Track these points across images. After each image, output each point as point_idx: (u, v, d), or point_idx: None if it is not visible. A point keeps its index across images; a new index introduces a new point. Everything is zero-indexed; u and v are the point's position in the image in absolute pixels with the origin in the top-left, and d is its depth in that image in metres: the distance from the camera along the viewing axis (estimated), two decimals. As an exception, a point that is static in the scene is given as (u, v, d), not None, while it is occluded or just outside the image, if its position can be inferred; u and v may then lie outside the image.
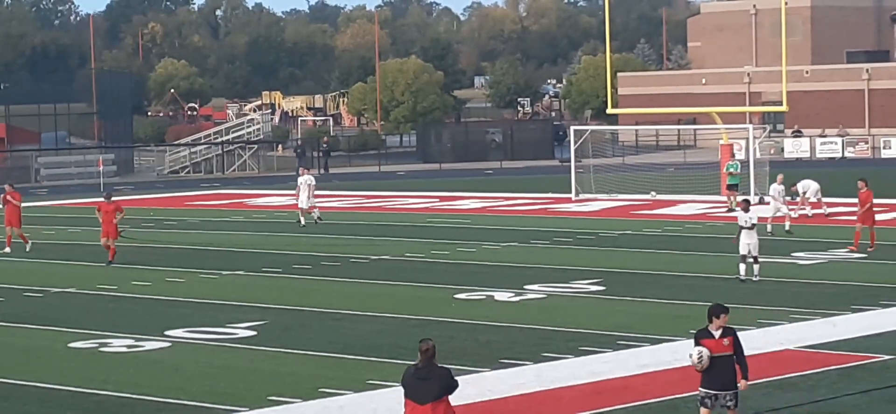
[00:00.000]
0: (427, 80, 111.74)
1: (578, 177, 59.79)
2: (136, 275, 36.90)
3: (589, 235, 44.44)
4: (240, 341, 26.76)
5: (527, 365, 23.67)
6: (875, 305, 29.10)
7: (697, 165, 66.14)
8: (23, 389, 22.90)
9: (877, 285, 31.92)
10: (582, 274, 34.68)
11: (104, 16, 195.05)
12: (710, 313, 17.58)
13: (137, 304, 32.20)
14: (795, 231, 43.31)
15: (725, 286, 32.23)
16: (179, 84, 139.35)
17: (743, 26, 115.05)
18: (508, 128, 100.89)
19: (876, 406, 20.41)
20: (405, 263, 38.53)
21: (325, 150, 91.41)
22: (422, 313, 29.43)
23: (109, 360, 25.32)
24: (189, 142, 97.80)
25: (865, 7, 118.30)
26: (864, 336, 25.69)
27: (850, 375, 22.57)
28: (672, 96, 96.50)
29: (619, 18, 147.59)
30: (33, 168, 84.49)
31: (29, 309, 31.55)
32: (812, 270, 35.13)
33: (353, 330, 27.67)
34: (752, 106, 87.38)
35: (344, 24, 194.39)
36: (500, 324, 27.96)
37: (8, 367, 24.68)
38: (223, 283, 35.31)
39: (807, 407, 20.53)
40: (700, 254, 38.85)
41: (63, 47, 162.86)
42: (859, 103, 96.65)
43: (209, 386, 22.72)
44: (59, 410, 21.33)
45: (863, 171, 47.84)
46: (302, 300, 31.77)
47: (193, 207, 61.95)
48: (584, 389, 21.80)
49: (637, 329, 26.85)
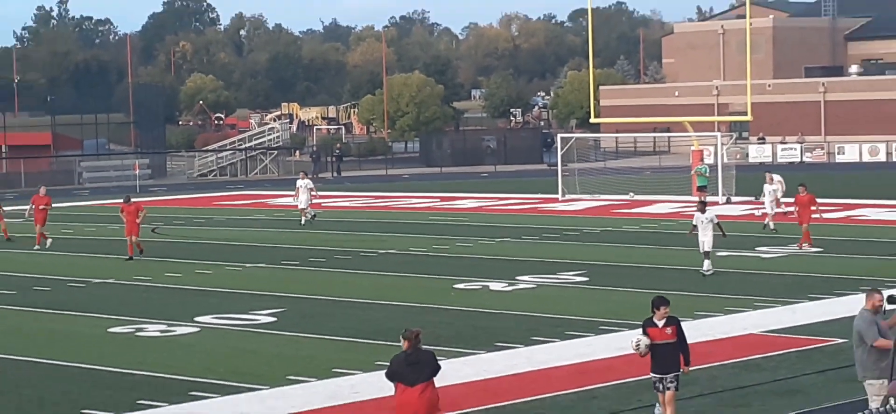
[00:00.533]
0: (429, 92, 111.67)
1: (565, 179, 59.79)
2: (169, 267, 36.90)
3: (574, 231, 44.44)
4: (261, 327, 26.77)
5: (519, 348, 23.66)
6: (830, 295, 29.11)
7: (671, 169, 66.18)
8: (67, 369, 22.91)
9: (831, 276, 31.92)
10: (568, 266, 34.69)
11: (140, 35, 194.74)
12: (654, 305, 17.60)
13: (169, 293, 32.22)
14: (761, 228, 43.27)
15: (695, 277, 32.22)
16: (207, 96, 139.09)
17: (712, 45, 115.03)
18: (502, 135, 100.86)
19: (831, 385, 20.42)
20: (409, 256, 38.53)
21: (338, 156, 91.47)
22: (424, 302, 29.44)
23: (144, 343, 25.34)
24: (216, 148, 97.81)
25: (822, 28, 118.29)
26: (821, 322, 25.69)
27: (809, 357, 22.58)
28: (648, 107, 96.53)
29: (601, 38, 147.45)
30: (76, 171, 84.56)
31: (72, 298, 31.57)
32: (773, 263, 35.13)
33: (363, 316, 27.67)
34: (720, 116, 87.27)
35: (355, 42, 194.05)
36: (494, 311, 27.96)
37: (54, 350, 24.70)
38: (246, 274, 35.31)
39: (769, 385, 20.52)
40: (673, 248, 38.84)
41: (103, 63, 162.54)
42: (816, 113, 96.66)
43: (234, 367, 22.72)
44: (99, 388, 21.33)
45: (816, 176, 47.79)
46: (317, 290, 31.77)
47: (220, 206, 61.96)
48: (570, 370, 21.79)
49: (618, 315, 26.83)
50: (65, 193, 74.37)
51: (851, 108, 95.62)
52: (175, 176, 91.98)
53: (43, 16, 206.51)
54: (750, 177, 65.95)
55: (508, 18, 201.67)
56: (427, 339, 24.63)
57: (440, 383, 15.92)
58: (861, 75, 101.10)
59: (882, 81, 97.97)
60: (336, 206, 59.10)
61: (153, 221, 46.68)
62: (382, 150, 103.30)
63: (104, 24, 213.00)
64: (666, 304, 17.49)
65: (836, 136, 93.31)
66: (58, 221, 54.78)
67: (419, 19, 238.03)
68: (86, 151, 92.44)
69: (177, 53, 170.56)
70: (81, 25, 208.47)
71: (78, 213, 58.49)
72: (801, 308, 27.42)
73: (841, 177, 69.29)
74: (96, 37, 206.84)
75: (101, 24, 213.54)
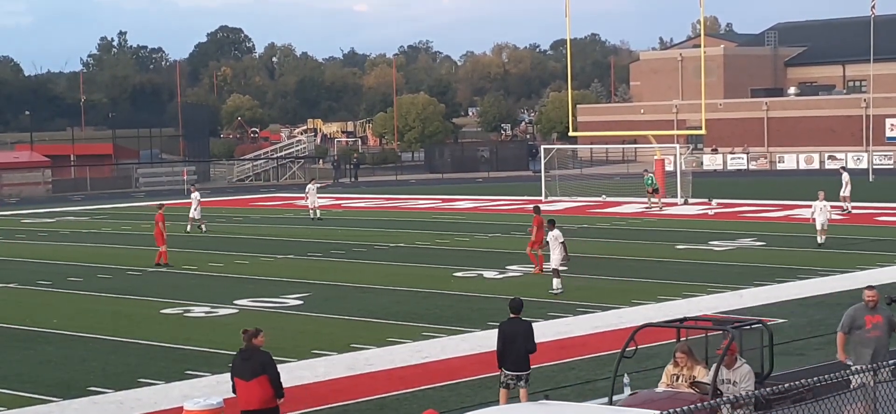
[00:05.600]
0: (432, 110, 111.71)
1: (547, 183, 59.83)
2: (212, 258, 36.92)
3: (555, 228, 44.40)
4: (290, 309, 26.78)
5: (508, 326, 23.63)
6: (772, 282, 29.12)
7: (637, 175, 66.16)
8: (126, 344, 22.93)
9: (773, 266, 31.94)
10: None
11: (188, 61, 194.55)
12: (511, 307, 16.49)
13: (213, 280, 32.23)
14: (714, 225, 43.28)
15: (658, 266, 32.21)
16: (244, 113, 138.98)
17: (672, 70, 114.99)
18: (494, 147, 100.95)
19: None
20: (415, 249, 38.54)
21: (355, 164, 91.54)
22: (428, 287, 29.43)
23: (192, 323, 25.35)
24: (252, 157, 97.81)
25: (765, 55, 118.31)
26: (764, 304, 25.70)
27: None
28: (618, 123, 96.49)
29: (578, 64, 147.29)
30: (134, 177, 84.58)
31: (131, 284, 31.59)
32: (724, 254, 35.15)
33: (376, 300, 27.67)
34: (678, 130, 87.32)
35: (369, 67, 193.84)
36: (488, 295, 27.96)
37: (115, 328, 24.72)
38: (278, 264, 35.32)
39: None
40: (639, 242, 38.87)
41: (157, 85, 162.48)
42: (760, 128, 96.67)
43: (267, 342, 22.62)
44: (153, 360, 21.36)
45: (760, 181, 47.69)
46: (337, 277, 31.78)
47: (255, 206, 61.96)
48: (552, 345, 21.79)
49: (592, 299, 26.84)
50: (124, 196, 74.42)
51: (790, 123, 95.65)
52: (217, 181, 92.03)
53: (105, 45, 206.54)
54: (704, 182, 66.02)
55: (500, 47, 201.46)
56: (430, 319, 24.80)
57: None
58: (798, 96, 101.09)
59: (816, 101, 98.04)
60: (353, 206, 59.09)
61: (195, 221, 46.69)
62: (393, 159, 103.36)
63: (157, 52, 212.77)
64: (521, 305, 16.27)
65: (778, 147, 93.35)
66: (118, 218, 54.88)
67: (424, 48, 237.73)
68: (142, 160, 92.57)
69: (219, 77, 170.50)
70: (138, 53, 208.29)
71: (136, 212, 58.50)
72: (748, 293, 27.43)
73: (781, 182, 69.25)
74: (151, 63, 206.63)
75: (155, 51, 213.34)
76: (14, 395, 18.77)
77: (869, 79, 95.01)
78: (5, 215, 59.41)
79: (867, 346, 15.03)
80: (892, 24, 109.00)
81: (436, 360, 20.80)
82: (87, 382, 19.50)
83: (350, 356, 21.28)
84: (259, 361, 13.98)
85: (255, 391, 13.81)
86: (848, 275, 29.84)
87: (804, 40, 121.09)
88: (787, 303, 26.00)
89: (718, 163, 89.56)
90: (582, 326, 23.77)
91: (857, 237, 38.60)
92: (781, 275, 30.10)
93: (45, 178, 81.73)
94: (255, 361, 13.95)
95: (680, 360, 14.04)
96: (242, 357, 14.06)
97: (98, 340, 23.54)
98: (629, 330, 22.80)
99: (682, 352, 14.12)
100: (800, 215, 46.80)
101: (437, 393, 18.25)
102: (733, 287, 28.26)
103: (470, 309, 26.05)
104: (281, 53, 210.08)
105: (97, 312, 27.17)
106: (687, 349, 14.17)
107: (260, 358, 14.02)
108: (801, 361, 19.76)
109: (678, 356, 14.07)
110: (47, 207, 65.60)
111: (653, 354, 19.53)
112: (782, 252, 35.24)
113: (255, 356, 14.01)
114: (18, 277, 33.34)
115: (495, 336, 16.66)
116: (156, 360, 21.39)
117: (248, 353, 14.03)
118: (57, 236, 46.51)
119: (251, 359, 13.97)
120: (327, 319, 25.28)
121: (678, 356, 14.07)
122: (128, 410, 17.74)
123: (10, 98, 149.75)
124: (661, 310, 25.06)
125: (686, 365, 14.00)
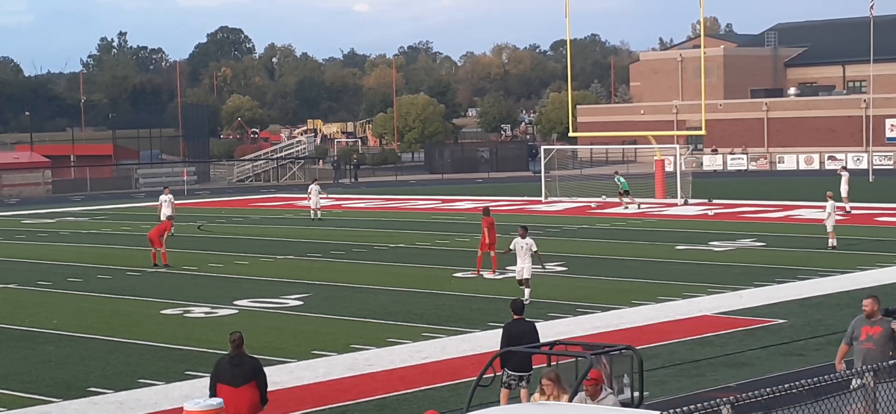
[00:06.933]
0: (432, 111, 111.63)
1: (547, 184, 59.81)
2: (212, 258, 36.90)
3: (555, 228, 44.45)
4: (290, 309, 26.77)
5: (508, 327, 23.63)
6: (772, 282, 29.11)
7: (637, 176, 66.13)
8: (126, 345, 22.92)
9: (772, 266, 31.94)
10: (550, 258, 34.64)
11: (188, 62, 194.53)
12: (513, 309, 16.42)
13: (213, 280, 32.21)
14: (714, 226, 43.28)
15: (658, 266, 32.22)
16: (244, 114, 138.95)
17: (672, 70, 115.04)
18: (494, 147, 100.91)
19: (772, 358, 20.42)
20: (415, 249, 38.53)
21: (356, 164, 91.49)
22: (428, 288, 29.43)
23: (192, 323, 25.34)
24: (252, 158, 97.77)
25: (765, 56, 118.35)
26: (764, 305, 25.70)
27: (753, 335, 22.58)
28: (618, 123, 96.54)
29: (578, 64, 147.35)
30: (134, 177, 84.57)
31: (131, 284, 31.58)
32: (724, 255, 35.14)
33: (375, 300, 27.66)
34: (678, 131, 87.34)
35: (369, 68, 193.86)
36: (487, 296, 27.95)
37: (115, 328, 24.71)
38: (277, 265, 35.31)
39: (720, 358, 20.53)
40: (638, 243, 38.87)
41: (156, 86, 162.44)
42: (760, 128, 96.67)
43: (268, 343, 22.71)
44: (153, 360, 21.35)
45: (760, 181, 47.72)
46: (337, 278, 31.77)
47: (255, 207, 61.94)
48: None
49: (591, 299, 26.84)
50: (124, 196, 74.41)
51: (790, 124, 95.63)
52: (217, 181, 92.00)
53: (105, 45, 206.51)
54: (704, 182, 66.03)
55: (499, 48, 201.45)
56: (430, 319, 24.79)
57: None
58: (798, 96, 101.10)
59: (816, 101, 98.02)
60: (353, 206, 59.09)
61: (198, 220, 46.68)
62: (393, 159, 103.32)
63: (157, 53, 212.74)
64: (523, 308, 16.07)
65: (778, 147, 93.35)
66: (118, 219, 54.88)
67: (424, 48, 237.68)
68: (142, 160, 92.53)
69: (219, 77, 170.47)
70: (138, 54, 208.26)
71: (135, 212, 58.51)
72: (747, 293, 27.41)
73: (781, 182, 69.30)
74: (151, 63, 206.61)
75: (155, 52, 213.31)
76: (14, 395, 18.76)
77: (869, 79, 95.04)
78: (5, 216, 59.40)
79: (858, 358, 14.12)
80: (892, 25, 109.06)
81: (436, 360, 20.80)
82: (86, 383, 19.49)
83: (350, 356, 21.26)
84: (250, 366, 13.87)
85: (245, 397, 13.68)
86: (848, 275, 29.85)
87: (804, 41, 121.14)
88: (786, 303, 25.99)
89: (718, 163, 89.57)
90: (582, 326, 23.76)
91: (858, 237, 38.60)
92: (781, 275, 30.09)
93: (45, 178, 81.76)
94: (245, 367, 13.81)
95: (546, 387, 12.59)
96: (231, 362, 13.84)
97: (98, 340, 23.52)
98: (630, 330, 22.83)
99: (549, 379, 12.67)
100: (800, 216, 46.78)
101: (437, 393, 18.26)
102: (733, 288, 28.25)
103: (470, 309, 26.04)
104: (281, 54, 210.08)
105: (97, 312, 27.14)
106: (554, 376, 12.73)
107: (251, 364, 13.91)
108: (801, 362, 19.77)
109: (544, 383, 12.61)
110: (47, 207, 65.60)
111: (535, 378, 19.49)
112: (782, 253, 35.23)
113: (245, 362, 13.88)
114: (18, 278, 33.33)
115: (495, 336, 16.63)
116: (156, 360, 21.37)
117: (238, 358, 13.87)
118: (57, 237, 46.51)
119: (242, 365, 13.82)
120: (327, 320, 25.26)
121: (544, 383, 12.61)
122: (128, 410, 17.74)
123: (10, 98, 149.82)
124: (660, 310, 25.07)
125: (552, 393, 12.55)
